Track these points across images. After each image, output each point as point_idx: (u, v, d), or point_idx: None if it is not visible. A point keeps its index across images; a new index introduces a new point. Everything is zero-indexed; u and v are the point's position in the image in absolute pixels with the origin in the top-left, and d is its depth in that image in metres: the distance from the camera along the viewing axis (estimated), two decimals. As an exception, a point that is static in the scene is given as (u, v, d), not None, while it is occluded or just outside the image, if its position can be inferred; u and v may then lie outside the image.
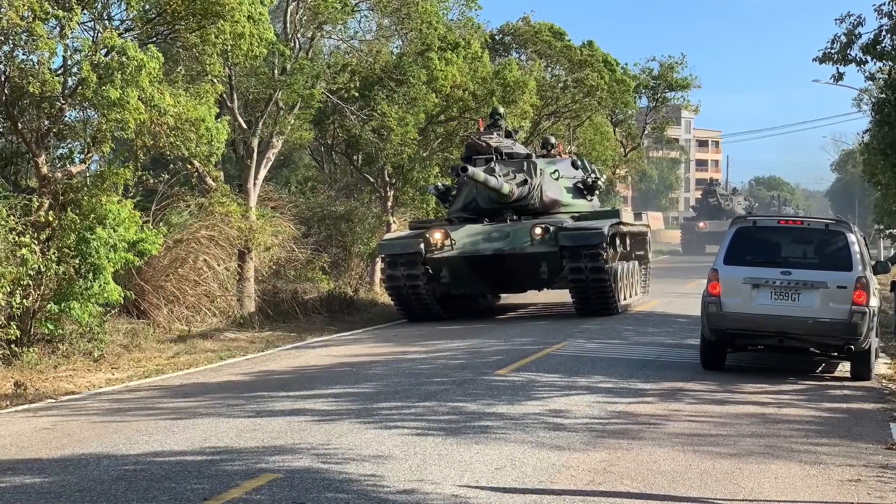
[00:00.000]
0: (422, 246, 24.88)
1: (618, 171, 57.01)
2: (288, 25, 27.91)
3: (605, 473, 10.41)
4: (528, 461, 10.82)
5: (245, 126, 27.20)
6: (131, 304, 23.05)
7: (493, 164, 26.38)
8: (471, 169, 24.81)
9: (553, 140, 31.22)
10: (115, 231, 19.60)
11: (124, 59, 18.01)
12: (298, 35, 28.42)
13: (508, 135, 28.77)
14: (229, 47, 20.62)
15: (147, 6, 20.04)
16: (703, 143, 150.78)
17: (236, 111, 26.58)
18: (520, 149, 28.60)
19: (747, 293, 16.60)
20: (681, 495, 9.73)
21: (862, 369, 16.84)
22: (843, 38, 23.93)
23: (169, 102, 18.95)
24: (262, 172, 27.86)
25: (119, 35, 18.80)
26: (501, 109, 29.99)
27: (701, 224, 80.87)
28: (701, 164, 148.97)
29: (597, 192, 28.80)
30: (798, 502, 9.66)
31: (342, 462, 10.76)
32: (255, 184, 27.49)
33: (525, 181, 26.48)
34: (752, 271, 16.68)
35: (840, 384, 16.60)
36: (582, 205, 27.83)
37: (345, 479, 10.07)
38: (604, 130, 50.07)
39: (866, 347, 16.58)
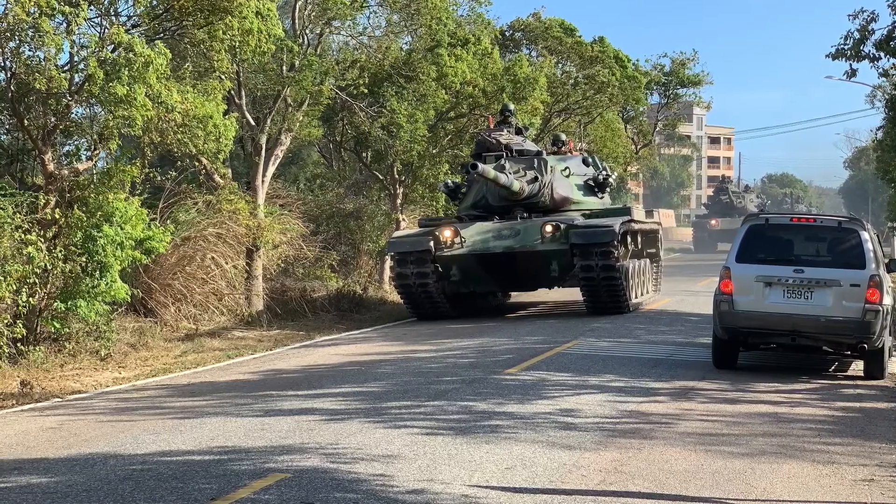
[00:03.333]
0: (431, 244, 24.79)
1: (629, 168, 56.87)
2: (296, 21, 27.83)
3: (617, 473, 10.30)
4: (538, 461, 10.72)
5: (253, 123, 27.12)
6: (138, 303, 23.00)
7: (503, 162, 26.29)
8: (481, 166, 24.70)
9: (564, 137, 31.09)
10: (122, 229, 19.53)
11: (131, 55, 17.92)
12: (307, 31, 28.33)
13: (519, 131, 28.65)
14: (237, 43, 20.51)
15: (154, 2, 19.95)
16: (715, 140, 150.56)
17: (244, 108, 26.50)
18: (530, 146, 28.49)
19: (760, 291, 16.47)
20: (693, 495, 9.64)
21: (875, 368, 16.69)
22: (857, 34, 23.89)
23: (176, 99, 18.86)
24: (271, 170, 27.79)
25: (126, 31, 18.70)
26: (512, 106, 29.87)
27: (713, 222, 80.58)
28: (713, 161, 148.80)
29: (608, 189, 28.67)
30: (811, 502, 9.59)
31: (351, 462, 10.66)
32: (263, 181, 27.42)
33: (535, 178, 26.37)
34: (764, 269, 16.55)
35: (853, 383, 16.45)
36: (593, 202, 27.74)
37: (354, 479, 9.98)
38: (615, 127, 49.97)
39: (880, 346, 16.43)
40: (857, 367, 17.50)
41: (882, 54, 24.20)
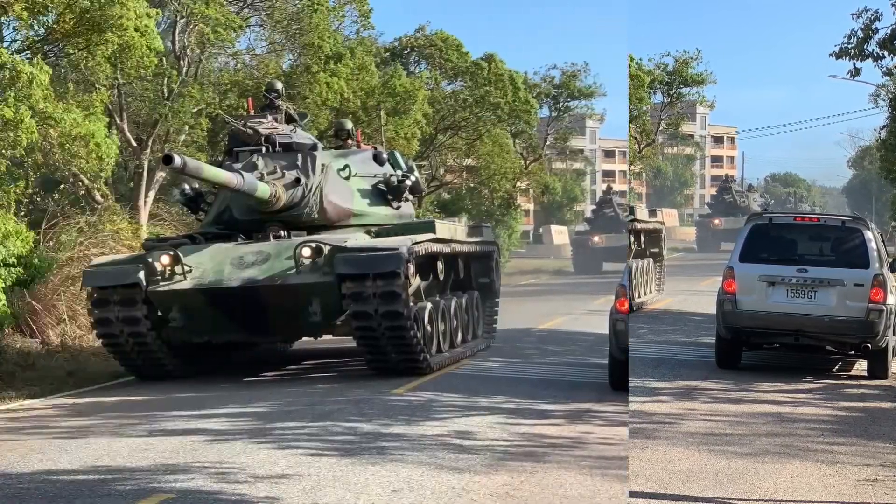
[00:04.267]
0: (142, 275, 16.73)
1: (518, 183, 54.34)
2: (176, 44, 27.36)
3: (507, 498, 9.34)
4: (427, 484, 9.74)
5: (135, 143, 26.73)
6: (24, 324, 22.27)
7: (255, 158, 18.22)
8: (177, 158, 15.66)
9: (350, 126, 21.46)
10: (4, 247, 18.40)
11: (14, 73, 17.39)
12: (188, 51, 27.69)
13: (290, 119, 19.98)
14: (117, 55, 20.18)
15: (37, 26, 19.72)
16: (718, 140, 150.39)
17: (125, 129, 26.13)
18: (302, 137, 19.67)
19: (763, 291, 16.40)
20: (696, 495, 9.55)
21: (879, 368, 16.55)
22: (860, 33, 23.87)
23: (60, 116, 18.47)
24: (152, 193, 27.48)
25: (10, 54, 18.16)
26: (279, 85, 20.85)
27: (716, 221, 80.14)
28: (716, 160, 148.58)
29: (411, 196, 20.37)
30: (814, 502, 9.51)
31: (235, 483, 9.81)
32: (145, 202, 27.08)
33: (297, 180, 18.14)
34: (767, 269, 16.49)
35: (856, 383, 16.32)
36: (384, 214, 19.24)
37: (238, 500, 9.29)
38: (503, 142, 48.17)
39: (883, 346, 16.32)
40: (861, 366, 17.32)
41: (886, 53, 24.18)
